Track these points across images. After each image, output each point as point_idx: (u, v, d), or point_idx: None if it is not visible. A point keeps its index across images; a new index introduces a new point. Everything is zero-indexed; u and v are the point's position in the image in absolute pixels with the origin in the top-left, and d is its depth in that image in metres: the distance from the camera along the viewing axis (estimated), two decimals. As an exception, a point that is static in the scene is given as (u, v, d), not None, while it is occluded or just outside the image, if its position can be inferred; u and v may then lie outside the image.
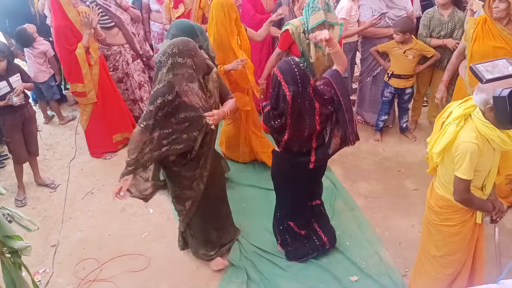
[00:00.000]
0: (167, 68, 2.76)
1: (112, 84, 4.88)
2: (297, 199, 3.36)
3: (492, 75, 1.36)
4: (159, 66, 2.80)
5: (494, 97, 1.30)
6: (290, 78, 2.79)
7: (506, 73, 1.34)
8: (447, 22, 4.35)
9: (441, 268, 2.74)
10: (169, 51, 2.74)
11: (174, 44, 2.77)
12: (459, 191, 2.41)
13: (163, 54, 2.77)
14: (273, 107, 2.92)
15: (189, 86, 2.83)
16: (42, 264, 3.63)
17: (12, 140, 4.17)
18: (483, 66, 1.36)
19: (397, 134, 5.08)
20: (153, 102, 2.77)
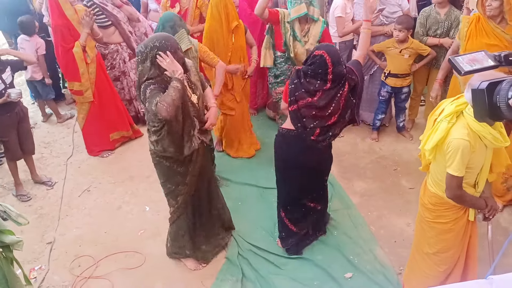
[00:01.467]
0: (149, 61, 2.76)
1: (109, 83, 4.89)
2: (293, 191, 3.36)
3: (471, 67, 1.36)
4: (142, 58, 2.79)
5: (472, 90, 1.30)
6: (336, 61, 2.88)
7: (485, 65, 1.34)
8: (443, 20, 4.35)
9: (434, 265, 2.74)
10: (150, 44, 2.76)
11: (156, 37, 2.80)
12: (451, 188, 2.42)
13: (145, 47, 2.77)
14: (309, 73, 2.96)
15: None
16: (38, 261, 3.64)
17: (9, 140, 4.19)
18: (462, 58, 1.36)
19: (394, 133, 5.09)
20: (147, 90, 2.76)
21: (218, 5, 3.97)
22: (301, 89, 2.96)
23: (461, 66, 1.34)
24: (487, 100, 1.23)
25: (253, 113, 5.46)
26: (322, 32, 4.05)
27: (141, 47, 2.79)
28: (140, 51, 2.79)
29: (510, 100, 1.21)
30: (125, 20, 5.01)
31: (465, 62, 1.35)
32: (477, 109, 1.24)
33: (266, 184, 4.30)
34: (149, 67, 2.76)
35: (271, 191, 4.22)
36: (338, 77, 2.90)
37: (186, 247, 3.41)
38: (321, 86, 2.92)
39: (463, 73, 1.36)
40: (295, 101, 3.00)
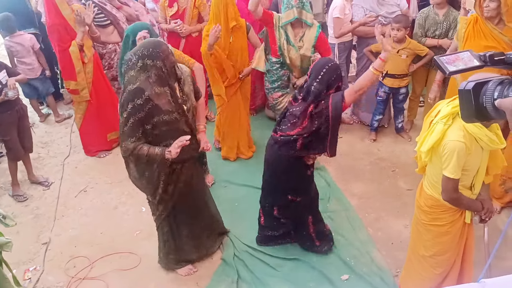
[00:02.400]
0: (137, 70, 2.67)
1: (107, 83, 4.87)
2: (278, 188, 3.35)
3: (456, 67, 1.34)
4: (129, 66, 2.70)
5: (459, 90, 1.28)
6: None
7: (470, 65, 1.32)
8: (442, 21, 4.33)
9: (430, 268, 2.72)
10: (139, 53, 2.65)
11: (145, 45, 2.70)
12: (447, 190, 2.40)
13: (134, 54, 2.68)
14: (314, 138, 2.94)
15: (160, 89, 2.72)
16: (33, 261, 3.63)
17: (11, 138, 4.18)
18: (447, 58, 1.34)
19: (393, 134, 5.07)
20: (125, 108, 2.69)
21: (219, 4, 3.95)
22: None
23: (446, 66, 1.32)
24: (474, 101, 1.21)
25: (252, 113, 5.44)
26: (317, 36, 4.03)
27: (130, 55, 2.69)
28: (129, 59, 2.69)
29: (496, 100, 1.19)
30: (124, 20, 4.99)
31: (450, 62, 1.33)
32: (464, 110, 1.22)
33: (262, 185, 4.28)
34: (135, 77, 2.67)
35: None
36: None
37: (170, 253, 3.36)
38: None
39: (448, 74, 1.34)
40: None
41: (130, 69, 2.68)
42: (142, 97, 2.66)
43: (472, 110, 1.25)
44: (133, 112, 2.67)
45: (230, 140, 4.61)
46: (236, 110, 4.45)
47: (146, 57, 2.64)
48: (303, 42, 4.03)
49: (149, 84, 2.68)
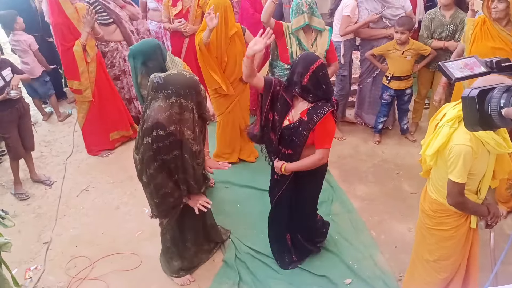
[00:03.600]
0: (169, 104, 2.57)
1: (110, 82, 4.86)
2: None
3: (462, 73, 1.30)
4: (157, 90, 2.58)
5: (463, 97, 1.24)
6: None
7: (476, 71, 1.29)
8: (448, 23, 4.29)
9: (434, 272, 2.68)
10: (173, 89, 2.55)
11: (182, 82, 2.59)
12: (453, 195, 2.36)
13: (167, 85, 2.56)
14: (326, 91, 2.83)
15: (187, 130, 2.66)
16: (34, 261, 3.61)
17: (10, 136, 4.16)
18: (454, 64, 1.31)
19: (397, 136, 5.03)
20: (149, 135, 2.62)
21: (218, 9, 3.83)
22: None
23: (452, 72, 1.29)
24: (478, 109, 1.17)
25: (254, 114, 5.40)
26: (329, 40, 3.98)
27: (159, 78, 2.57)
28: (159, 85, 2.57)
29: (502, 108, 1.15)
30: (127, 18, 4.97)
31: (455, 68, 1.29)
32: (468, 117, 1.19)
33: (265, 186, 4.20)
34: (165, 108, 2.57)
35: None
36: None
37: (174, 259, 3.33)
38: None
39: (453, 80, 1.30)
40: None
41: (157, 94, 2.59)
42: (166, 130, 2.59)
43: (476, 118, 1.22)
44: (156, 140, 2.61)
45: (231, 148, 4.54)
46: (236, 120, 4.40)
47: (182, 96, 2.57)
48: (316, 47, 3.97)
49: (177, 121, 2.61)
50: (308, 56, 2.79)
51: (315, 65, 2.69)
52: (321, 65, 2.73)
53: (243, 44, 4.13)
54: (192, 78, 2.66)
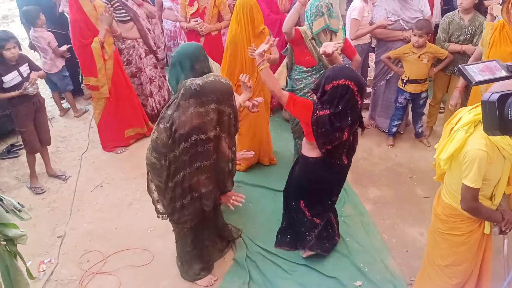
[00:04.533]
0: (208, 111, 2.60)
1: (126, 79, 4.91)
2: (323, 198, 3.29)
3: (482, 77, 1.29)
4: (194, 96, 2.60)
5: (483, 101, 1.24)
6: (360, 86, 2.72)
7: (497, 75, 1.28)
8: (467, 26, 4.24)
9: (446, 278, 2.67)
10: (213, 96, 2.59)
11: (220, 88, 2.62)
12: (467, 200, 2.34)
13: (205, 92, 2.59)
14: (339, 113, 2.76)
15: (223, 132, 2.72)
16: (48, 254, 3.67)
17: (26, 130, 4.24)
18: (474, 67, 1.30)
19: (411, 140, 4.99)
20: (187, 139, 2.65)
21: (244, 8, 3.86)
22: (334, 132, 2.79)
23: (472, 75, 1.28)
24: (498, 113, 1.16)
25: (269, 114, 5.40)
26: (344, 38, 3.96)
27: (198, 86, 2.59)
28: (196, 92, 2.59)
29: None
30: (144, 16, 5.03)
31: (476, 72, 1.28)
32: (487, 122, 1.18)
33: (278, 186, 4.25)
34: (203, 114, 2.60)
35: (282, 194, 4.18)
36: (363, 90, 2.77)
37: (195, 262, 3.32)
38: (354, 117, 2.78)
39: (473, 83, 1.30)
40: (329, 142, 2.84)
41: (197, 104, 2.61)
42: (206, 135, 2.65)
43: (495, 123, 1.21)
44: (196, 145, 2.65)
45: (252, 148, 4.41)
46: (258, 119, 4.38)
47: (216, 104, 2.61)
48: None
49: (215, 126, 2.66)
50: (343, 70, 2.81)
51: (342, 81, 2.70)
52: (347, 86, 2.70)
53: None
54: (228, 84, 2.71)
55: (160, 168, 2.82)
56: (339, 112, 2.74)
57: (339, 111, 2.73)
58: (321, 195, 3.25)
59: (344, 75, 2.71)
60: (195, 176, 2.77)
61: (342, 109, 2.73)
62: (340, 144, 2.87)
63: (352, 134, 2.91)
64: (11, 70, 3.98)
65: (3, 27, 8.50)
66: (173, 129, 2.64)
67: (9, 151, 5.02)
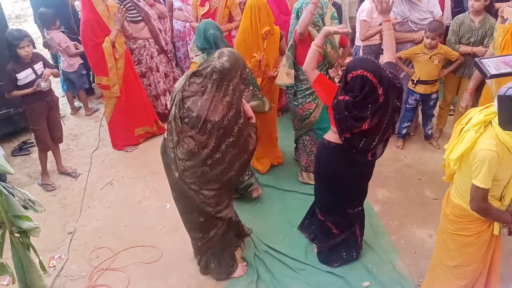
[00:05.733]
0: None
1: (137, 78, 4.95)
2: (338, 202, 3.25)
3: (497, 71, 1.30)
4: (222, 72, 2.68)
5: (499, 96, 1.24)
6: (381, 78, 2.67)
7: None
8: (477, 28, 4.24)
9: (454, 278, 2.66)
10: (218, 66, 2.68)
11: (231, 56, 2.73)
12: (476, 200, 2.34)
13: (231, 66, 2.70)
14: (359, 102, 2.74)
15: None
16: (58, 250, 3.71)
17: (39, 128, 4.29)
18: (489, 61, 1.30)
19: (420, 141, 4.98)
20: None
21: (252, 7, 3.92)
22: (351, 120, 2.75)
23: (487, 69, 1.28)
24: None
25: (278, 114, 5.42)
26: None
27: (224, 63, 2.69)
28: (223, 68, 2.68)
29: None
30: (156, 17, 5.08)
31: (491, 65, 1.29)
32: (503, 116, 1.18)
33: (286, 186, 4.28)
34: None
35: (291, 194, 4.20)
36: (387, 87, 2.70)
37: (231, 259, 3.35)
38: (374, 107, 2.72)
39: (488, 76, 1.30)
40: (347, 129, 2.80)
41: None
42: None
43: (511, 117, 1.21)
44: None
45: (262, 152, 4.48)
46: (265, 118, 4.39)
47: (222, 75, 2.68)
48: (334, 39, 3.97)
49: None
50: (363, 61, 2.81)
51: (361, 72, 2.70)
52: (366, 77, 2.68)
53: (277, 46, 4.19)
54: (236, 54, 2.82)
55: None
56: (358, 102, 2.71)
57: (358, 100, 2.71)
58: (336, 196, 3.21)
59: (362, 66, 2.69)
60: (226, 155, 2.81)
61: (362, 99, 2.70)
62: (365, 134, 2.80)
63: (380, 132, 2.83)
64: (25, 67, 4.04)
65: (16, 26, 8.58)
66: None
67: (21, 148, 5.09)
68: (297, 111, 4.08)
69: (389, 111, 2.76)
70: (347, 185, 3.12)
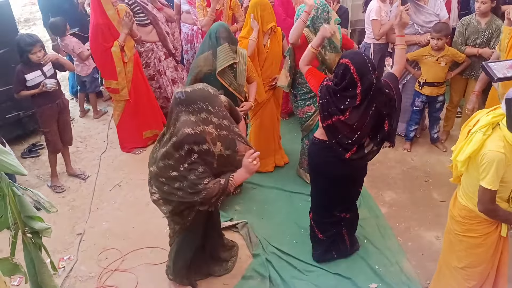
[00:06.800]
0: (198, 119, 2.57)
1: (145, 82, 4.99)
2: (323, 200, 3.31)
3: (505, 74, 1.31)
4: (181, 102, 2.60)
5: (506, 99, 1.25)
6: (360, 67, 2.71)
7: None
8: (483, 30, 4.24)
9: (462, 280, 2.67)
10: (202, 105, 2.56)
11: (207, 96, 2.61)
12: (484, 202, 2.35)
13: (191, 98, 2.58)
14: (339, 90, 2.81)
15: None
16: (67, 251, 3.75)
17: (50, 131, 4.33)
18: (496, 64, 1.32)
19: (427, 144, 4.98)
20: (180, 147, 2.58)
21: (256, 8, 4.01)
22: (332, 106, 2.84)
23: (494, 72, 1.30)
24: None
25: (285, 117, 5.45)
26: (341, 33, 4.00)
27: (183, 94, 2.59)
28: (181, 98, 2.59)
29: None
30: (163, 20, 5.12)
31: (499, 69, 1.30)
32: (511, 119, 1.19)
33: (293, 188, 4.30)
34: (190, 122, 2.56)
35: (298, 196, 4.21)
36: (367, 89, 2.73)
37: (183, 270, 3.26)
38: (351, 104, 2.78)
39: (495, 80, 1.32)
40: (329, 116, 2.87)
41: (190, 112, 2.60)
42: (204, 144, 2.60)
43: None
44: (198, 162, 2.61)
45: (266, 152, 4.48)
46: (270, 117, 4.43)
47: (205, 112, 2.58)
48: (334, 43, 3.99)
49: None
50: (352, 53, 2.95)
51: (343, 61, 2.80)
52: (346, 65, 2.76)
53: (280, 46, 4.25)
54: (216, 94, 2.69)
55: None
56: (339, 90, 2.81)
57: (339, 89, 2.81)
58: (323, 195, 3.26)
59: (351, 57, 2.77)
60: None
61: (342, 89, 2.80)
62: (343, 127, 2.85)
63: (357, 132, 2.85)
64: (34, 69, 4.07)
65: (25, 30, 8.68)
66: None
67: (30, 150, 5.14)
68: (298, 113, 4.17)
69: (369, 115, 2.79)
70: (333, 186, 3.16)
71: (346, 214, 3.37)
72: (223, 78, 3.67)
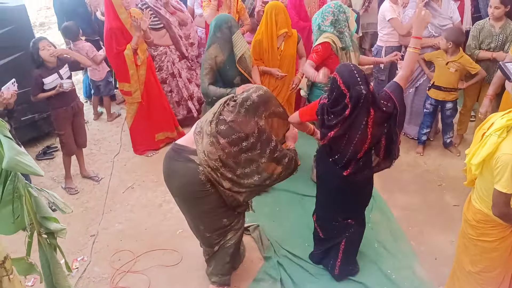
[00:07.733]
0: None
1: (158, 85, 5.04)
2: (328, 208, 3.27)
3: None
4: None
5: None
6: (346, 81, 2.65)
7: None
8: (498, 34, 4.21)
9: (476, 285, 2.64)
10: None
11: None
12: (498, 205, 2.33)
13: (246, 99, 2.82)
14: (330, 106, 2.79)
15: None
16: (81, 252, 3.78)
17: (65, 133, 4.39)
18: (513, 65, 1.31)
19: (440, 147, 4.94)
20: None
21: (271, 12, 4.04)
22: (327, 124, 2.81)
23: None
24: None
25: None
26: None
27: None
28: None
29: None
30: (176, 24, 5.16)
31: (516, 69, 1.30)
32: None
33: (305, 191, 4.29)
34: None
35: (309, 199, 4.19)
36: (356, 100, 2.62)
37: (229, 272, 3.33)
38: (341, 114, 2.70)
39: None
40: (324, 134, 2.85)
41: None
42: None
43: None
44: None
45: None
46: None
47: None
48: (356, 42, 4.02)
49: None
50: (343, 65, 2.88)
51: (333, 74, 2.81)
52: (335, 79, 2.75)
53: (295, 49, 4.27)
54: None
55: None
56: (331, 104, 2.78)
57: (331, 101, 2.78)
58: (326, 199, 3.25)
59: (339, 69, 2.74)
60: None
61: (332, 102, 2.77)
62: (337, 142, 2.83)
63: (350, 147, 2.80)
64: (51, 72, 4.13)
65: (40, 34, 8.80)
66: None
67: (45, 152, 5.21)
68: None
69: (360, 128, 2.69)
70: (335, 193, 3.11)
71: (348, 220, 3.24)
72: (240, 65, 3.77)
